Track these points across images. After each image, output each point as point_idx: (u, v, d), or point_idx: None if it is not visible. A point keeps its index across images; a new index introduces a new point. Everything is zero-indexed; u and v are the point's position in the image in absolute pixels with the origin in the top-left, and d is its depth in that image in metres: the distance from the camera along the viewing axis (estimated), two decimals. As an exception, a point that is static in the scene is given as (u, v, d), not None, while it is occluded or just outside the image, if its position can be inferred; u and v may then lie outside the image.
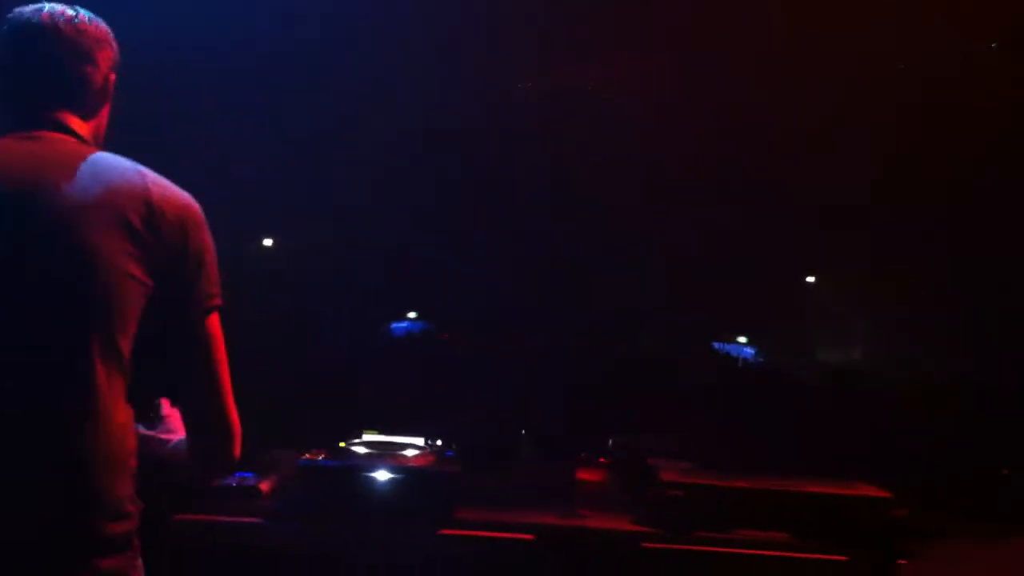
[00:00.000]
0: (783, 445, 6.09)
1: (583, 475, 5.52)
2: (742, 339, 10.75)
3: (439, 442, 5.77)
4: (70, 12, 2.15)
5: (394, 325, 9.53)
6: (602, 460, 5.65)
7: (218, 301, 2.15)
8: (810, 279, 11.33)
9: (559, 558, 4.87)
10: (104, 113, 2.19)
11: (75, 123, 2.09)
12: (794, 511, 5.02)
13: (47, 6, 2.13)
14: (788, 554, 4.88)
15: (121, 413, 2.01)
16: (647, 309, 9.48)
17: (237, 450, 2.15)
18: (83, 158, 1.99)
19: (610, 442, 5.90)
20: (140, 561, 2.08)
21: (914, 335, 9.74)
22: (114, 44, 2.19)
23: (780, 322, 10.29)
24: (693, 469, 5.36)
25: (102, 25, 2.19)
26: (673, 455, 5.52)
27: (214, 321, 2.12)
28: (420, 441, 5.71)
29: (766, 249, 9.59)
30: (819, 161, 8.19)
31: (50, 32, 2.10)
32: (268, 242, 10.60)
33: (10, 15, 2.16)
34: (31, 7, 2.14)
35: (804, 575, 4.84)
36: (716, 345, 10.09)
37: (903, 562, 4.78)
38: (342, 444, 5.56)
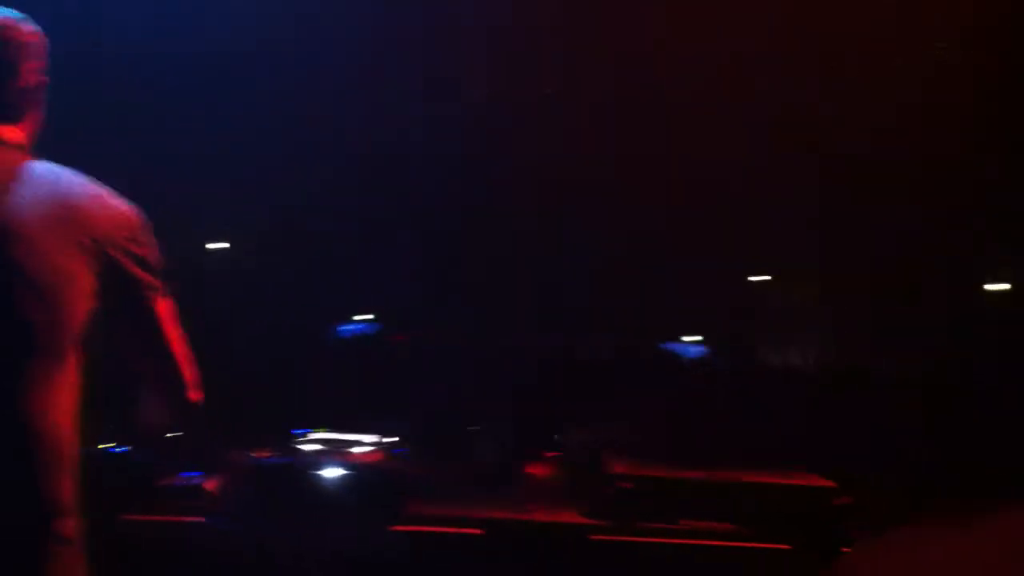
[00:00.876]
0: (732, 437, 6.16)
1: (531, 469, 5.55)
2: (692, 339, 10.83)
3: (391, 439, 5.78)
4: None
5: (342, 328, 9.51)
6: (550, 455, 5.68)
7: (164, 289, 2.19)
8: (763, 278, 11.42)
9: (508, 552, 4.89)
10: (37, 116, 2.15)
11: (5, 131, 2.07)
12: (739, 501, 5.08)
13: None
14: (734, 543, 4.93)
15: (66, 415, 2.01)
16: (607, 309, 9.52)
17: (197, 395, 2.23)
18: (19, 167, 1.98)
19: (556, 436, 5.94)
20: (84, 560, 2.08)
21: (869, 334, 9.83)
22: (42, 46, 2.13)
23: (733, 322, 10.35)
24: (640, 461, 5.41)
25: (28, 26, 2.11)
26: (622, 448, 5.57)
27: (165, 304, 2.17)
28: (371, 438, 5.72)
29: (724, 251, 9.67)
30: (792, 160, 8.25)
31: None
32: (224, 245, 10.53)
33: None
34: None
35: (749, 564, 4.89)
36: (665, 346, 10.17)
37: (846, 550, 4.85)
38: (291, 442, 5.56)
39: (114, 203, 2.15)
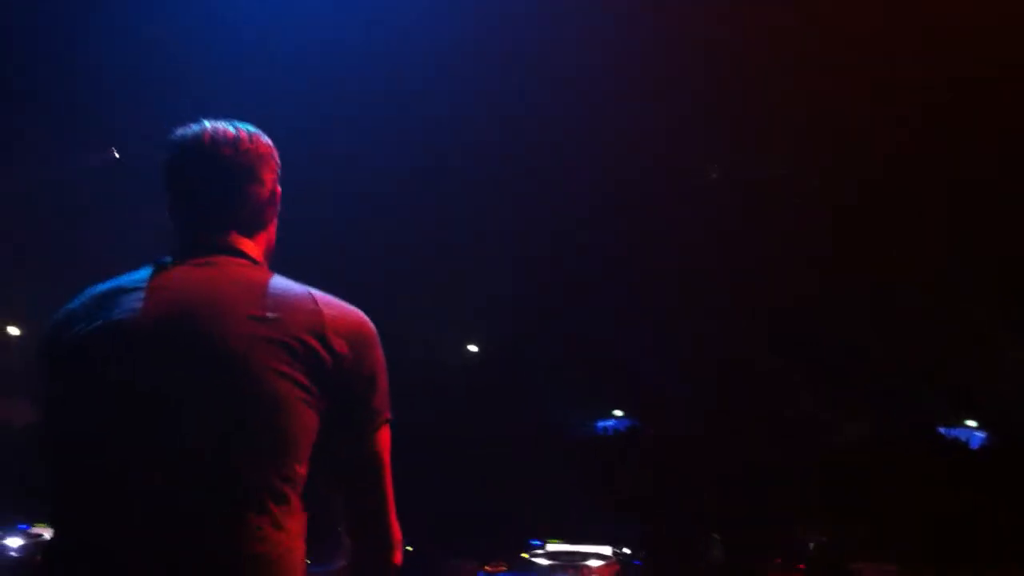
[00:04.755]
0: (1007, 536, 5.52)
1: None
2: (971, 423, 9.82)
3: (627, 550, 5.56)
4: (231, 131, 2.11)
5: (600, 423, 9.40)
6: (801, 567, 5.25)
7: (389, 416, 2.11)
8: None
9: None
10: (273, 226, 2.16)
11: (245, 244, 2.06)
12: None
13: (208, 126, 2.05)
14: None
15: (292, 540, 1.98)
16: (858, 395, 8.93)
17: (399, 557, 2.12)
18: (254, 283, 1.95)
19: (811, 545, 5.51)
20: None
21: None
22: (276, 156, 2.17)
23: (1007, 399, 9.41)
24: (897, 572, 4.92)
25: (264, 139, 2.14)
26: (875, 557, 5.09)
27: (385, 435, 2.06)
28: (607, 550, 5.52)
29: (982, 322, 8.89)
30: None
31: (213, 155, 2.07)
32: (473, 348, 10.69)
33: (171, 137, 2.15)
34: (192, 129, 2.12)
35: None
36: (942, 431, 9.34)
37: None
38: (525, 555, 5.44)
39: (346, 312, 2.09)
